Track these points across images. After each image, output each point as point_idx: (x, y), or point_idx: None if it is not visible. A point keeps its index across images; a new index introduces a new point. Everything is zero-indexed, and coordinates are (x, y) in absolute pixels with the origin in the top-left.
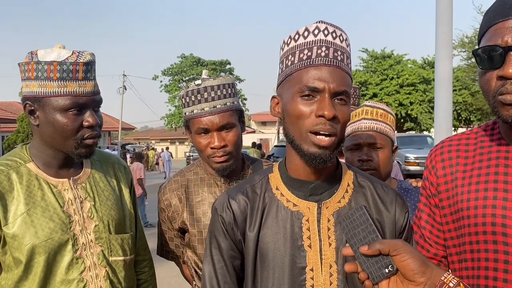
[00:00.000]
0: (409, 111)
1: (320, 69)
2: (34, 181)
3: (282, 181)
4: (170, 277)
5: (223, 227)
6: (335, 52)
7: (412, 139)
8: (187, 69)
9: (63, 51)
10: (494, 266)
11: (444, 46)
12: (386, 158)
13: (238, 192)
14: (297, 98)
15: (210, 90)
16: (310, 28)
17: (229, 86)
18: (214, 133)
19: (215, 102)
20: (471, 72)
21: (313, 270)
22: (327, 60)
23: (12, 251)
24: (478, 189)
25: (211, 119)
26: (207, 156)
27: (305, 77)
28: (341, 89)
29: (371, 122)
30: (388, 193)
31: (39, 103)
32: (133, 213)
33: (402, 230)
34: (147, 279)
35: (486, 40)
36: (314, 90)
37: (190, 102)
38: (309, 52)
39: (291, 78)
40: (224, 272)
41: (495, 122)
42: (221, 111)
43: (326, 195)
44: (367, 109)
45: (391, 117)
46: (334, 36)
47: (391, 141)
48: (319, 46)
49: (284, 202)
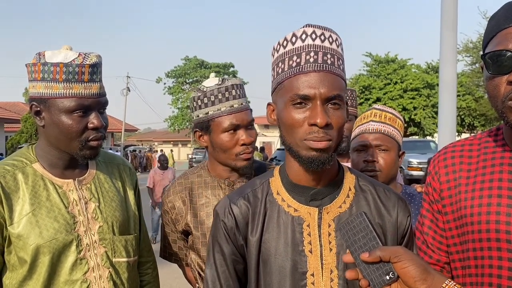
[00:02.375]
0: (412, 115)
1: (310, 76)
2: (40, 181)
3: (283, 186)
4: (172, 279)
5: (225, 232)
6: (324, 56)
7: (415, 144)
8: (191, 72)
9: (70, 52)
10: (498, 273)
11: (449, 50)
12: (392, 161)
13: (239, 196)
14: (289, 107)
15: (233, 88)
16: (298, 33)
17: (242, 86)
18: (243, 130)
19: (241, 100)
20: (475, 77)
21: (314, 275)
22: (316, 66)
23: (17, 250)
24: (482, 196)
25: (242, 115)
26: (235, 154)
27: (295, 85)
28: (333, 93)
29: (378, 124)
30: (390, 197)
31: (45, 104)
32: (137, 214)
33: (404, 234)
34: (150, 280)
35: (495, 45)
36: (305, 98)
37: (216, 100)
38: (298, 59)
39: (282, 86)
40: (226, 276)
41: (498, 128)
42: (246, 109)
43: (327, 200)
44: (375, 112)
45: (400, 122)
46: (322, 39)
47: (397, 144)
48: (307, 51)
49: (285, 207)
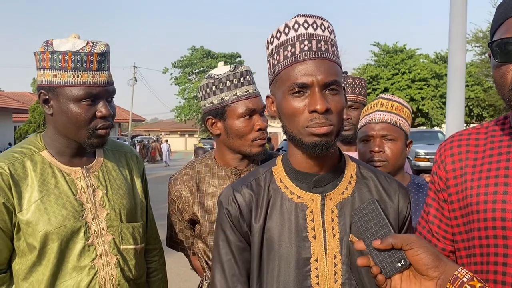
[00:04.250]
0: (420, 106)
1: (306, 64)
2: (48, 169)
3: (286, 174)
4: (179, 267)
5: (229, 220)
6: (318, 43)
7: (423, 134)
8: (197, 62)
9: (78, 41)
10: (504, 261)
11: (458, 37)
12: (399, 150)
13: (242, 185)
14: (288, 96)
15: (247, 74)
16: (290, 23)
17: (252, 73)
18: (258, 115)
19: (253, 85)
20: (484, 67)
21: (317, 260)
22: (311, 54)
23: (26, 237)
24: (488, 184)
25: (257, 100)
26: (251, 140)
27: (292, 74)
28: (330, 79)
29: (385, 114)
30: (392, 183)
31: (53, 92)
32: (145, 202)
33: (405, 220)
34: (157, 267)
35: (503, 33)
36: (303, 86)
37: (232, 85)
38: (292, 49)
39: (279, 77)
40: (231, 265)
41: (506, 117)
42: (259, 94)
43: (329, 186)
44: (382, 101)
45: (407, 111)
46: (315, 27)
47: (404, 134)
48: (301, 40)
49: (288, 194)
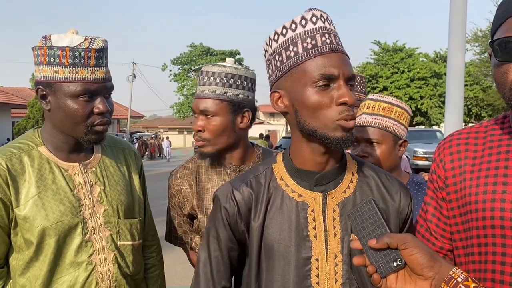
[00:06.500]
0: (419, 105)
1: (330, 57)
2: (45, 164)
3: (287, 172)
4: (177, 264)
5: (224, 218)
6: (335, 38)
7: (421, 133)
8: (197, 59)
9: (76, 36)
10: (502, 260)
11: (458, 35)
12: (385, 153)
13: (242, 182)
14: (311, 89)
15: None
16: (307, 15)
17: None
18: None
19: (209, 87)
20: (483, 67)
21: (318, 260)
22: (333, 47)
23: (23, 232)
24: (487, 183)
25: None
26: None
27: (316, 66)
28: (352, 73)
29: (370, 117)
30: (393, 182)
31: (51, 88)
32: (142, 198)
33: (406, 220)
34: (154, 263)
35: (504, 31)
36: (330, 78)
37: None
38: (313, 41)
39: (297, 70)
40: (218, 261)
41: (505, 116)
42: (206, 97)
43: (331, 185)
44: (369, 103)
45: (398, 110)
46: (329, 22)
47: (392, 135)
48: (322, 33)
49: (289, 193)
